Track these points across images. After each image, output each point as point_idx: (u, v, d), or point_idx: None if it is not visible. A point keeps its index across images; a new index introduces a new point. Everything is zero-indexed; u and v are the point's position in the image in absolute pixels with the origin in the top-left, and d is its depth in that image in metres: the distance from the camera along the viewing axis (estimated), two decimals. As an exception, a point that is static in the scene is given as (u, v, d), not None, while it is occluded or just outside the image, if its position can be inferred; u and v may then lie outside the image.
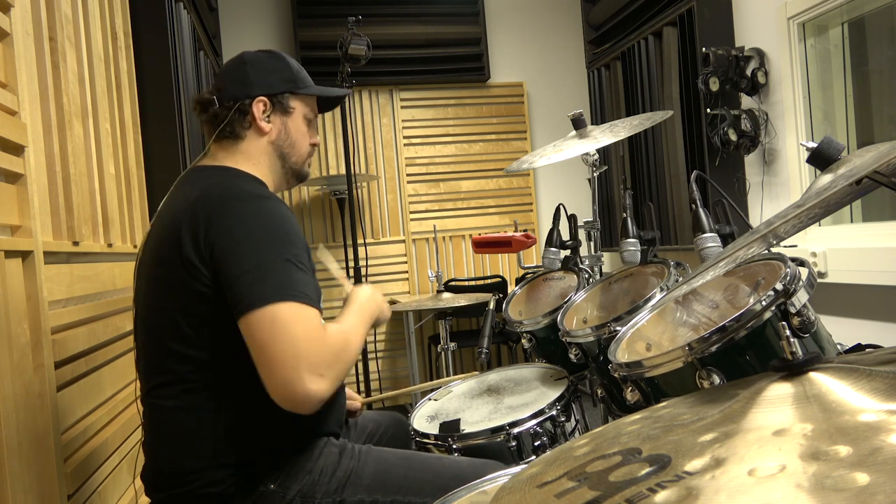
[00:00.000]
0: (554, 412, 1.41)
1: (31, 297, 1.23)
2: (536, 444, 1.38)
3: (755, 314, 0.90)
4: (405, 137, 4.38)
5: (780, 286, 0.90)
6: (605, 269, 1.86)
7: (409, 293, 4.35)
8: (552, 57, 4.63)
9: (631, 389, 1.03)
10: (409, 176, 4.38)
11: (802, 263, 0.96)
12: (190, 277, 1.10)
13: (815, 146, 0.86)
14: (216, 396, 1.13)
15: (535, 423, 1.39)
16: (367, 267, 4.02)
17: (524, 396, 1.55)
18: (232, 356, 1.11)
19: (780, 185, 2.90)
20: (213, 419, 1.13)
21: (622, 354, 1.14)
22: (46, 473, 1.22)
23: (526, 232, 1.95)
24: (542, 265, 1.82)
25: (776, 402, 0.50)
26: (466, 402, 1.60)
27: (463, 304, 2.33)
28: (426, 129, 4.42)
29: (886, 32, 2.60)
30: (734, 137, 2.87)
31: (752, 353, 0.92)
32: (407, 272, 4.37)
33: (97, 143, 1.73)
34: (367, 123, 4.32)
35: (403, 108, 4.38)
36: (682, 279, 1.34)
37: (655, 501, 0.42)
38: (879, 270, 2.29)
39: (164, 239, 1.15)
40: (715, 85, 2.86)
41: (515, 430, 1.37)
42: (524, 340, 1.67)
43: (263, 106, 1.28)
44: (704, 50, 2.90)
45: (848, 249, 2.43)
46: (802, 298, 0.90)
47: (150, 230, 1.25)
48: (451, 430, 1.40)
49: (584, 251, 1.86)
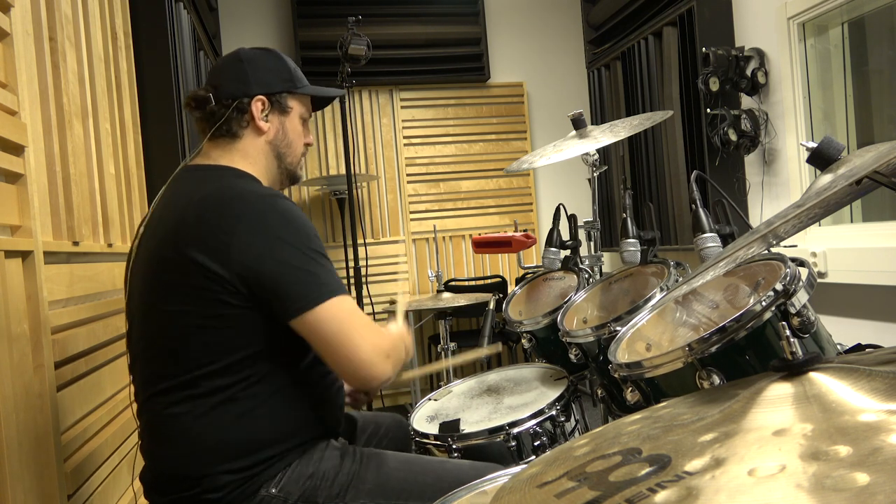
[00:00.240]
0: (554, 412, 1.41)
1: (31, 297, 1.22)
2: (536, 444, 1.38)
3: (755, 314, 0.90)
4: (405, 137, 4.38)
5: (780, 286, 0.90)
6: (605, 269, 1.86)
7: (409, 293, 4.35)
8: (552, 57, 4.63)
9: (631, 389, 1.03)
10: (409, 176, 4.38)
11: (802, 263, 0.96)
12: (207, 283, 1.08)
13: (815, 146, 0.86)
14: (219, 401, 1.12)
15: (534, 423, 1.39)
16: (367, 267, 4.02)
17: (524, 396, 1.55)
18: (242, 360, 1.11)
19: (780, 185, 2.90)
20: (215, 424, 1.12)
21: (622, 354, 1.14)
22: (46, 473, 1.22)
23: (526, 232, 1.95)
24: (542, 265, 1.82)
25: (776, 402, 0.50)
26: (466, 401, 1.60)
27: (463, 304, 2.33)
28: (426, 129, 4.42)
29: (886, 32, 2.60)
30: (734, 137, 2.87)
31: (752, 353, 0.92)
32: (407, 272, 4.37)
33: (97, 143, 1.73)
34: (367, 123, 4.32)
35: (403, 108, 4.38)
36: (682, 279, 1.34)
37: (655, 501, 0.42)
38: (879, 270, 2.29)
39: (168, 242, 1.13)
40: (715, 85, 2.86)
41: (515, 430, 1.37)
42: (524, 340, 1.67)
43: (262, 105, 1.27)
44: (704, 50, 2.90)
45: (848, 249, 2.43)
46: (802, 298, 0.90)
47: (142, 231, 1.22)
48: (450, 430, 1.40)
49: (584, 251, 1.86)
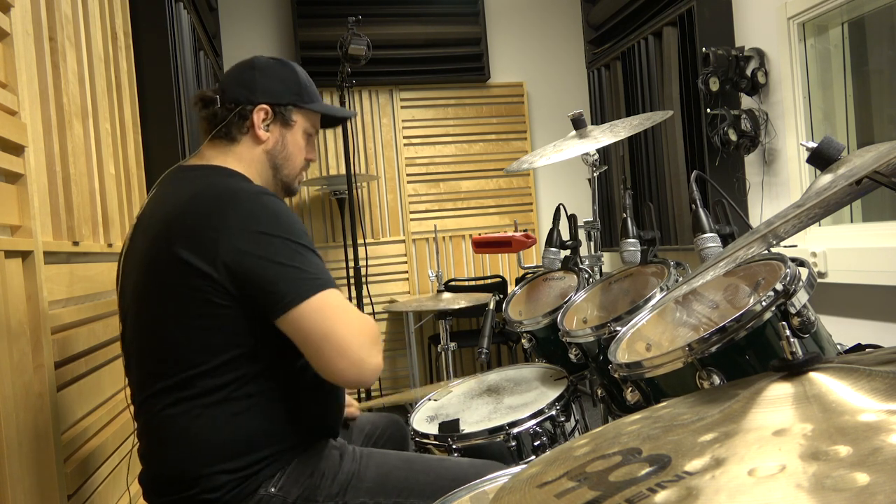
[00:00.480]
0: (554, 412, 1.41)
1: (31, 297, 1.22)
2: (536, 444, 1.38)
3: (755, 314, 0.90)
4: (405, 137, 4.38)
5: (780, 286, 0.90)
6: (605, 269, 1.86)
7: (409, 293, 4.35)
8: (552, 57, 4.63)
9: (631, 389, 1.03)
10: (409, 176, 4.38)
11: (802, 263, 0.96)
12: (196, 281, 1.07)
13: (815, 146, 0.86)
14: (216, 402, 1.11)
15: (534, 423, 1.39)
16: (367, 267, 4.02)
17: (524, 396, 1.55)
18: (235, 359, 1.11)
19: (780, 185, 2.90)
20: (212, 424, 1.12)
21: (622, 354, 1.14)
22: (46, 473, 1.22)
23: (526, 232, 1.95)
24: (542, 265, 1.82)
25: (776, 402, 0.50)
26: (466, 402, 1.60)
27: (463, 304, 2.33)
28: (426, 129, 4.42)
29: (886, 32, 2.60)
30: (734, 137, 2.87)
31: (752, 353, 0.92)
32: (407, 272, 4.37)
33: (97, 143, 1.73)
34: (367, 123, 4.32)
35: (403, 108, 4.38)
36: (682, 279, 1.34)
37: (655, 501, 0.42)
38: (879, 270, 2.29)
39: (157, 241, 1.12)
40: (715, 85, 2.86)
41: (515, 430, 1.37)
42: (524, 340, 1.67)
43: (264, 114, 1.27)
44: (704, 50, 2.90)
45: (848, 249, 2.43)
46: (802, 299, 0.90)
47: (133, 231, 1.22)
48: (450, 430, 1.40)
49: (584, 251, 1.86)
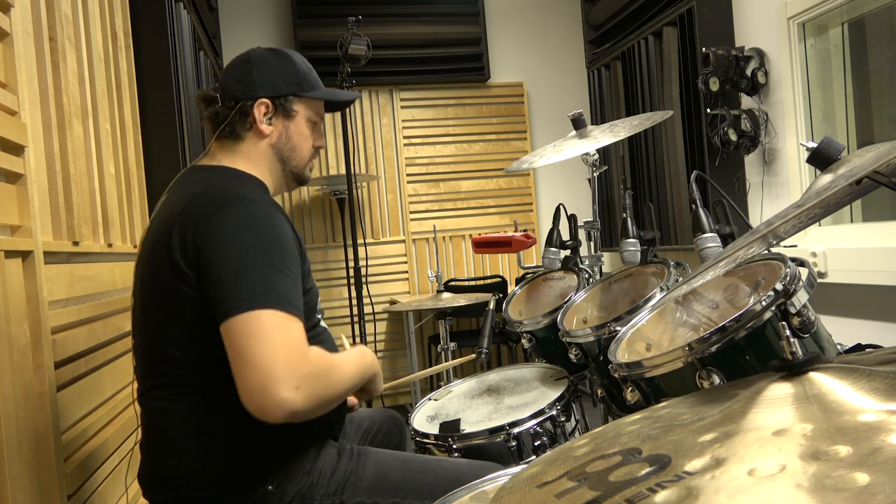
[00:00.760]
0: (554, 412, 1.41)
1: (31, 297, 1.22)
2: (536, 444, 1.38)
3: (755, 314, 0.90)
4: (405, 137, 4.38)
5: (780, 286, 0.90)
6: (605, 269, 1.86)
7: (409, 293, 4.35)
8: (552, 57, 4.63)
9: (631, 389, 1.03)
10: (409, 176, 4.38)
11: (802, 263, 0.96)
12: (177, 281, 1.08)
13: (815, 146, 0.86)
14: (211, 399, 1.12)
15: (535, 423, 1.39)
16: (367, 267, 4.02)
17: (524, 396, 1.55)
18: (223, 360, 1.11)
19: (780, 185, 2.90)
20: (209, 421, 1.12)
21: (622, 354, 1.14)
22: (46, 473, 1.22)
23: (526, 232, 1.95)
24: (542, 265, 1.82)
25: (776, 402, 0.50)
26: (466, 402, 1.60)
27: (463, 304, 2.33)
28: (426, 129, 4.42)
29: (886, 32, 2.60)
30: (734, 137, 2.87)
31: (752, 353, 0.92)
32: (407, 272, 4.37)
33: (97, 143, 1.73)
34: (367, 123, 4.32)
35: (403, 108, 4.38)
36: (682, 279, 1.34)
37: (655, 501, 0.42)
38: (879, 270, 2.29)
39: (157, 241, 1.14)
40: (715, 85, 2.86)
41: (515, 430, 1.37)
42: (524, 340, 1.67)
43: (265, 108, 1.26)
44: (704, 50, 2.90)
45: (848, 249, 2.43)
46: (802, 298, 0.90)
47: (146, 231, 1.24)
48: (451, 430, 1.40)
49: (584, 251, 1.86)
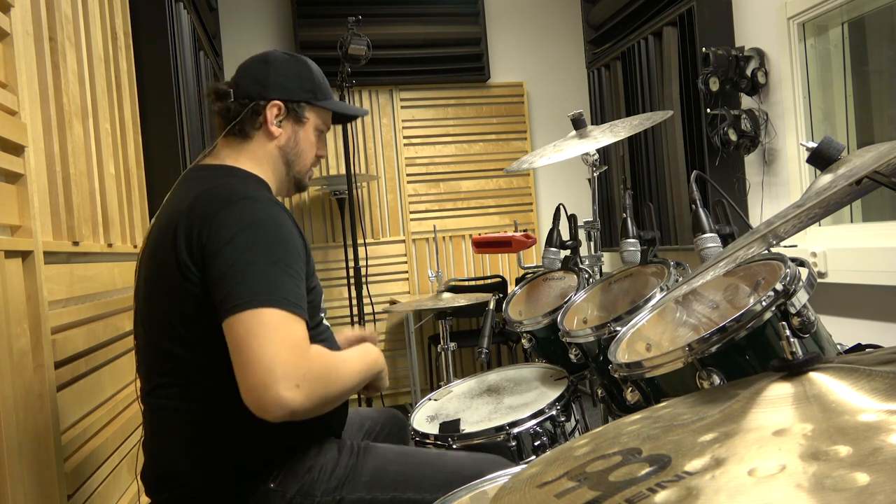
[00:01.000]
0: (554, 412, 1.41)
1: (31, 297, 1.22)
2: (536, 444, 1.38)
3: (755, 314, 0.90)
4: (405, 137, 4.38)
5: (780, 286, 0.90)
6: (605, 269, 1.86)
7: (409, 293, 4.35)
8: (552, 57, 4.63)
9: (631, 389, 1.03)
10: (409, 176, 4.38)
11: (802, 263, 0.96)
12: (183, 279, 1.09)
13: (815, 146, 0.86)
14: (215, 397, 1.12)
15: (534, 423, 1.39)
16: (367, 267, 4.02)
17: (524, 396, 1.55)
18: (228, 358, 1.11)
19: (780, 185, 2.90)
20: (212, 420, 1.13)
21: (622, 354, 1.14)
22: (46, 473, 1.22)
23: (526, 232, 1.95)
24: (542, 265, 1.82)
25: (776, 402, 0.50)
26: (466, 402, 1.60)
27: (463, 304, 2.33)
28: (426, 129, 4.42)
29: (886, 32, 2.60)
30: (734, 137, 2.87)
31: (752, 353, 0.92)
32: (407, 272, 4.37)
33: (97, 143, 1.73)
34: (367, 123, 4.32)
35: (403, 108, 4.38)
36: (682, 279, 1.34)
37: (655, 501, 0.42)
38: (879, 270, 2.29)
39: (161, 239, 1.14)
40: (715, 85, 2.86)
41: (515, 430, 1.37)
42: (524, 340, 1.67)
43: (277, 110, 1.27)
44: (704, 50, 2.90)
45: (848, 249, 2.43)
46: (802, 299, 0.90)
47: (150, 229, 1.24)
48: (451, 430, 1.40)
49: (584, 251, 1.86)
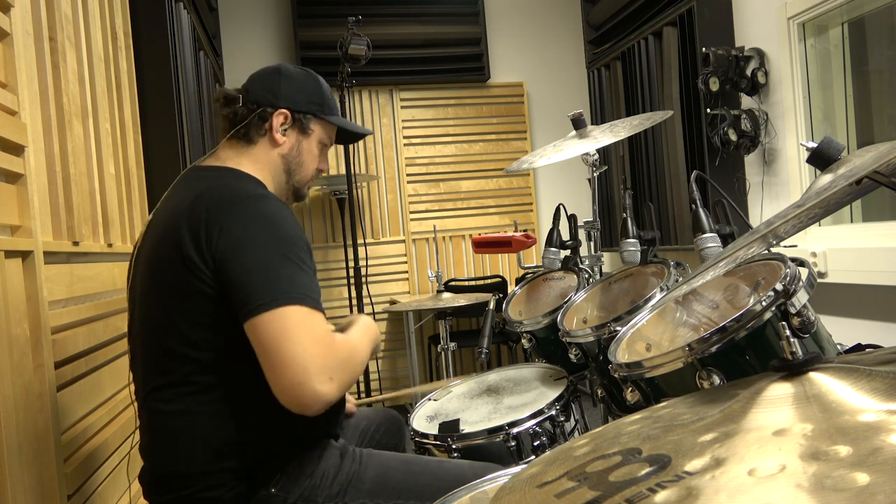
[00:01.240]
0: (553, 412, 1.41)
1: (31, 297, 1.22)
2: (536, 444, 1.38)
3: (755, 314, 0.90)
4: (405, 137, 4.38)
5: (780, 286, 0.90)
6: (605, 269, 1.86)
7: (409, 293, 4.35)
8: (552, 57, 4.63)
9: (631, 389, 1.03)
10: (409, 176, 4.38)
11: (802, 263, 0.96)
12: (192, 277, 1.09)
13: (815, 146, 0.86)
14: (216, 399, 1.12)
15: (534, 423, 1.39)
16: (367, 267, 4.02)
17: (524, 396, 1.55)
18: (233, 358, 1.11)
19: (780, 185, 2.90)
20: (213, 422, 1.12)
21: (622, 354, 1.13)
22: (46, 474, 1.22)
23: (526, 232, 1.95)
24: (542, 265, 1.82)
25: (776, 402, 0.50)
26: (466, 402, 1.60)
27: (463, 304, 2.33)
28: (426, 129, 4.42)
29: (886, 32, 2.60)
30: (734, 137, 2.87)
31: (752, 353, 0.92)
32: (407, 272, 4.37)
33: (97, 143, 1.73)
34: (367, 123, 4.32)
35: (403, 108, 4.38)
36: (682, 279, 1.34)
37: (655, 501, 0.42)
38: (879, 270, 2.29)
39: (163, 238, 1.14)
40: (715, 85, 2.86)
41: (515, 430, 1.37)
42: (524, 340, 1.67)
43: (284, 119, 1.29)
44: (704, 50, 2.90)
45: (848, 249, 2.43)
46: (802, 299, 0.90)
47: (146, 229, 1.24)
48: (450, 430, 1.40)
49: (584, 251, 1.86)
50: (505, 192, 4.52)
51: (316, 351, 1.02)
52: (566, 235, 1.82)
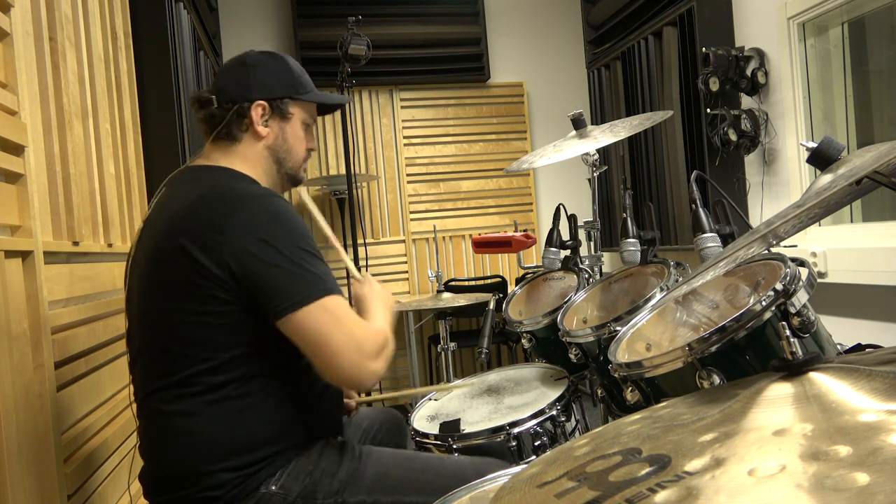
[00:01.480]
0: (554, 412, 1.41)
1: (31, 297, 1.22)
2: (536, 444, 1.38)
3: (755, 314, 0.90)
4: (405, 137, 4.38)
5: (780, 286, 0.90)
6: (605, 269, 1.86)
7: (409, 293, 4.35)
8: (552, 57, 4.63)
9: (631, 389, 1.03)
10: (409, 176, 4.38)
11: (802, 263, 0.96)
12: (199, 279, 1.08)
13: (815, 146, 0.86)
14: (217, 399, 1.12)
15: (535, 423, 1.39)
16: (367, 267, 4.02)
17: (524, 396, 1.55)
18: (237, 357, 1.11)
19: (780, 185, 2.90)
20: (213, 422, 1.12)
21: (622, 354, 1.14)
22: (46, 474, 1.22)
23: (526, 232, 1.95)
24: (542, 265, 1.82)
25: (776, 402, 0.50)
26: (466, 402, 1.60)
27: (463, 304, 2.33)
28: (426, 129, 4.42)
29: (886, 32, 2.60)
30: (734, 137, 2.87)
31: (752, 353, 0.92)
32: (407, 272, 4.37)
33: (97, 143, 1.73)
34: (367, 123, 4.32)
35: (403, 108, 4.38)
36: (682, 279, 1.34)
37: (655, 501, 0.42)
38: (879, 270, 2.29)
39: (162, 240, 1.14)
40: (715, 85, 2.86)
41: (515, 430, 1.37)
42: (524, 340, 1.67)
43: (262, 110, 1.27)
44: (704, 50, 2.90)
45: (848, 249, 2.43)
46: (802, 298, 0.90)
47: (141, 231, 1.23)
48: (451, 430, 1.40)
49: (584, 251, 1.86)
50: (505, 192, 4.52)
51: (360, 334, 1.12)
52: (566, 235, 1.82)
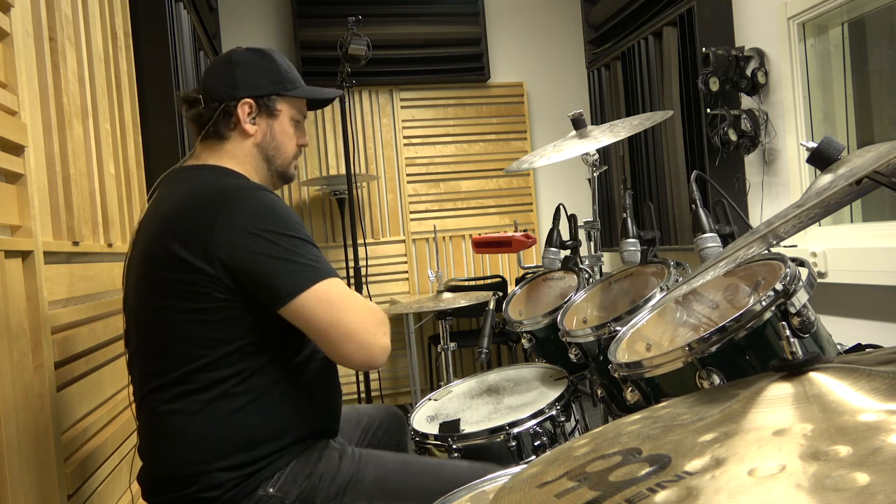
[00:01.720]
0: (554, 412, 1.41)
1: (31, 297, 1.22)
2: (536, 444, 1.38)
3: (755, 314, 0.89)
4: (405, 137, 4.38)
5: (780, 286, 0.90)
6: (605, 269, 1.86)
7: (409, 293, 4.35)
8: (552, 57, 4.63)
9: (631, 389, 1.03)
10: (409, 176, 4.38)
11: (802, 263, 0.96)
12: (193, 275, 1.09)
13: (815, 146, 0.86)
14: (214, 399, 1.12)
15: (534, 423, 1.39)
16: (367, 267, 4.02)
17: (524, 396, 1.55)
18: (231, 353, 1.11)
19: (780, 185, 2.90)
20: (212, 421, 1.12)
21: (622, 354, 1.13)
22: (46, 474, 1.22)
23: (526, 232, 1.95)
24: (542, 265, 1.82)
25: (776, 402, 0.50)
26: (466, 402, 1.60)
27: (463, 304, 2.33)
28: (426, 129, 4.42)
29: (886, 32, 2.60)
30: (734, 137, 2.87)
31: (752, 353, 0.92)
32: (407, 272, 4.37)
33: (97, 143, 1.73)
34: (367, 123, 4.32)
35: (403, 108, 4.38)
36: (682, 279, 1.34)
37: (655, 501, 0.42)
38: (879, 270, 2.29)
39: (155, 239, 1.14)
40: (715, 85, 2.86)
41: (515, 430, 1.37)
42: (524, 340, 1.66)
43: (249, 108, 1.27)
44: (704, 50, 2.90)
45: (848, 249, 2.43)
46: (802, 298, 0.90)
47: (136, 231, 1.23)
48: (450, 430, 1.40)
49: (584, 251, 1.86)
50: (505, 192, 4.52)
51: (365, 312, 1.14)
52: (566, 235, 1.82)
